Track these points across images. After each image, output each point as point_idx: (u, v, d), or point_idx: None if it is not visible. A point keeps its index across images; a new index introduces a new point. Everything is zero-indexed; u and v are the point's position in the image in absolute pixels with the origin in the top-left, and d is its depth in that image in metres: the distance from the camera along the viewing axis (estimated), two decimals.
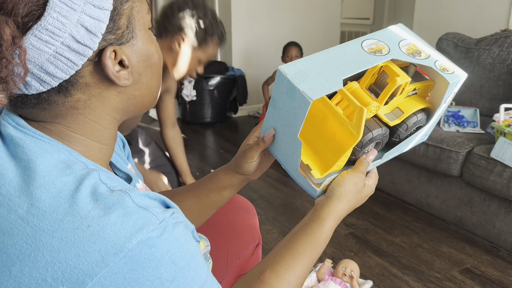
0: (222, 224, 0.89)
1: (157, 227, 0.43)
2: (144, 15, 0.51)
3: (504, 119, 1.76)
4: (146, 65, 0.52)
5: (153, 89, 0.55)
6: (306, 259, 0.61)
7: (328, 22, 4.13)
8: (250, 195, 2.27)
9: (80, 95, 0.49)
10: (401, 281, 1.56)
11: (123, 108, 0.53)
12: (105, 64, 0.47)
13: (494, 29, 2.61)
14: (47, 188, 0.43)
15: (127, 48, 0.49)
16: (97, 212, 0.42)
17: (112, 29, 0.47)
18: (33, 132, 0.48)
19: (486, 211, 1.79)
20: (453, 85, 0.67)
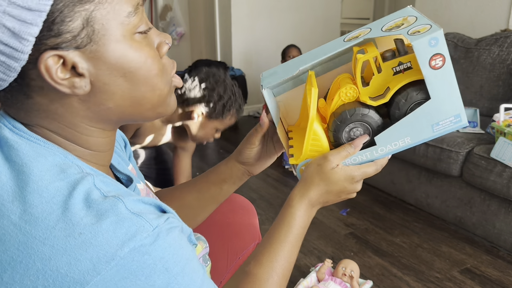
0: (222, 224, 0.89)
1: (150, 234, 0.43)
2: (120, 19, 0.46)
3: (504, 119, 1.76)
4: (115, 74, 0.47)
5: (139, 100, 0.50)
6: (284, 244, 0.61)
7: (328, 22, 4.13)
8: (250, 195, 2.27)
9: (39, 99, 0.46)
10: (401, 281, 1.56)
11: (98, 118, 0.50)
12: (40, 69, 0.43)
13: (494, 29, 2.61)
14: (40, 193, 0.43)
15: (81, 54, 0.45)
16: (89, 219, 0.42)
17: (56, 32, 0.43)
18: (29, 135, 0.47)
19: (486, 211, 1.79)
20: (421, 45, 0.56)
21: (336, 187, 0.64)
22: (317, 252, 1.74)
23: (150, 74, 0.49)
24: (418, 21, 0.60)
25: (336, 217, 2.04)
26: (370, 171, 0.65)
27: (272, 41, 3.86)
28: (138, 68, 0.48)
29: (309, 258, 1.70)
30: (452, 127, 0.63)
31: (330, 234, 1.89)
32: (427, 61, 0.58)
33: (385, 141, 0.63)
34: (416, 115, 0.61)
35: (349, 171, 0.64)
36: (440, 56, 0.58)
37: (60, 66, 0.44)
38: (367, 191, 2.32)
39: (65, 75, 0.45)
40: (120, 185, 0.51)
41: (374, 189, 2.33)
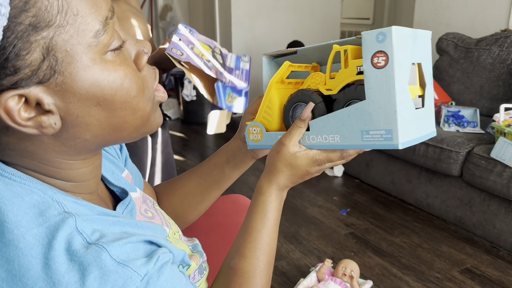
0: (225, 226, 0.89)
1: (139, 285, 0.40)
2: (86, 40, 0.39)
3: (504, 119, 1.76)
4: (88, 104, 0.41)
5: (119, 127, 0.45)
6: (262, 230, 0.61)
7: (328, 22, 4.13)
8: (251, 195, 2.27)
9: (6, 138, 0.41)
10: (401, 281, 1.57)
11: (76, 152, 0.45)
12: (1, 116, 0.38)
13: (494, 29, 2.61)
14: (16, 244, 0.38)
15: (46, 89, 0.39)
16: (72, 275, 0.38)
17: (11, 71, 0.36)
18: (3, 170, 0.42)
19: (486, 211, 1.79)
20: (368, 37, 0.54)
21: (300, 171, 0.63)
22: (317, 252, 1.74)
23: (129, 97, 0.44)
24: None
25: (336, 217, 2.04)
26: (333, 157, 0.61)
27: (272, 41, 3.86)
28: (114, 94, 0.42)
29: (309, 258, 1.70)
30: (382, 144, 0.56)
31: (330, 234, 1.89)
32: (370, 55, 0.55)
33: (317, 130, 0.62)
34: (348, 112, 0.58)
35: (311, 155, 0.62)
36: (384, 55, 0.54)
37: (23, 105, 0.38)
38: (367, 191, 2.32)
39: (29, 114, 0.39)
40: (107, 215, 0.46)
41: (374, 189, 2.33)
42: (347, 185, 2.40)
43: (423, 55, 0.63)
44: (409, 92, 0.57)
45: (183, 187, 0.78)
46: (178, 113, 4.00)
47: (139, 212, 0.61)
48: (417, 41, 0.59)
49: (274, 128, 0.68)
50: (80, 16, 0.39)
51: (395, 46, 0.53)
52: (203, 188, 0.77)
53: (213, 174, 0.76)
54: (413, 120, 0.58)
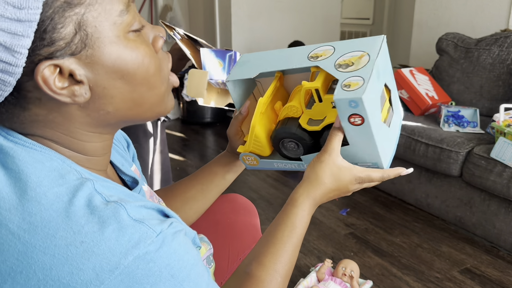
0: (223, 225, 0.89)
1: (154, 240, 0.42)
2: (112, 19, 0.44)
3: (504, 119, 1.76)
4: (113, 76, 0.46)
5: (139, 102, 0.49)
6: (287, 244, 0.60)
7: (328, 22, 4.13)
8: (250, 195, 2.27)
9: (36, 110, 0.45)
10: (401, 281, 1.57)
11: (97, 124, 0.49)
12: (37, 81, 0.42)
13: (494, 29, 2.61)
14: (39, 200, 0.41)
15: (77, 60, 0.43)
16: (91, 226, 0.41)
17: (48, 40, 0.41)
18: (24, 141, 0.46)
19: (486, 211, 1.79)
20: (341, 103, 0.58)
21: (341, 186, 0.63)
22: (317, 252, 1.74)
23: (148, 73, 0.48)
24: (367, 66, 0.61)
25: (336, 217, 2.04)
26: (375, 176, 0.64)
27: (272, 41, 3.86)
28: (136, 68, 0.47)
29: (309, 258, 1.71)
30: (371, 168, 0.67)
31: (330, 234, 1.89)
32: (346, 117, 0.60)
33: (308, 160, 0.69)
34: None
35: (355, 172, 0.63)
36: (359, 117, 0.59)
37: (57, 75, 0.43)
38: (367, 191, 2.32)
39: (63, 84, 0.44)
40: (123, 188, 0.50)
41: (374, 189, 2.33)
42: None
43: (386, 68, 0.67)
44: (383, 125, 0.64)
45: (185, 193, 0.79)
46: (178, 113, 4.00)
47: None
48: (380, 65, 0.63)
49: (267, 153, 0.72)
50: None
51: (368, 110, 0.58)
52: (205, 193, 0.79)
53: (215, 181, 0.79)
54: (388, 139, 0.67)
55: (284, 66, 0.69)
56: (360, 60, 0.62)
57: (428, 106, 2.26)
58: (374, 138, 0.61)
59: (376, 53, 0.62)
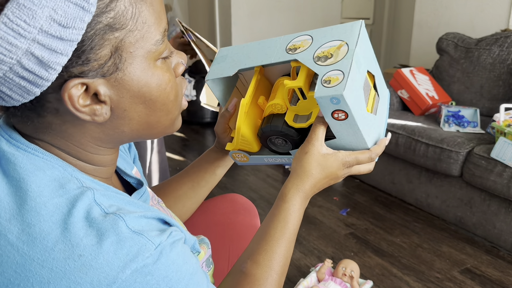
0: (223, 225, 0.89)
1: (152, 253, 0.42)
2: (147, 46, 0.45)
3: (504, 119, 1.76)
4: (136, 101, 0.47)
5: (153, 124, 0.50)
6: (281, 240, 0.60)
7: (328, 22, 4.13)
8: (250, 195, 2.27)
9: (52, 119, 0.45)
10: (401, 281, 1.56)
11: (110, 140, 0.50)
12: (63, 97, 0.42)
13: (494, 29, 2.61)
14: (38, 211, 0.41)
15: (106, 82, 0.44)
16: (90, 239, 0.40)
17: (83, 60, 0.41)
18: (26, 146, 0.46)
19: (486, 211, 1.79)
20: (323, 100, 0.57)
21: (330, 173, 0.62)
22: (317, 252, 1.74)
23: (168, 100, 0.49)
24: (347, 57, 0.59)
25: (336, 217, 2.04)
26: (362, 158, 0.63)
27: None
28: (158, 96, 0.48)
29: (309, 258, 1.70)
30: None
31: (330, 234, 1.89)
32: (329, 113, 0.59)
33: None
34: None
35: (341, 157, 0.62)
36: (343, 112, 0.58)
37: (83, 93, 0.43)
38: (367, 191, 2.32)
39: (85, 101, 0.44)
40: (124, 195, 0.49)
41: (374, 189, 2.33)
42: (347, 185, 2.40)
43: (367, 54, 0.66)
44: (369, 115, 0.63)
45: (176, 190, 0.79)
46: None
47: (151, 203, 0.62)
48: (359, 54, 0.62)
49: (255, 149, 0.72)
50: (147, 25, 0.45)
51: (350, 104, 0.57)
52: (196, 190, 0.80)
53: (205, 177, 0.80)
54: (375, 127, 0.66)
55: (263, 61, 0.67)
56: (339, 50, 0.60)
57: (429, 106, 2.26)
58: (360, 131, 0.61)
59: (355, 42, 0.60)
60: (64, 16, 0.39)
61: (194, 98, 3.65)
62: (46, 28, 0.38)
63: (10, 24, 0.38)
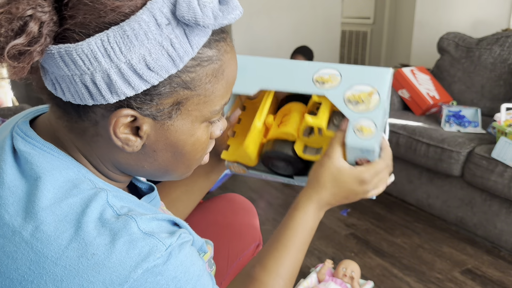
0: (222, 225, 0.89)
1: (163, 254, 0.42)
2: (204, 111, 0.47)
3: (505, 119, 1.75)
4: (167, 148, 0.48)
5: (170, 172, 0.52)
6: (292, 249, 0.60)
7: (328, 21, 4.12)
8: (250, 195, 2.27)
9: (88, 125, 0.46)
10: (402, 281, 1.56)
11: (127, 168, 0.51)
12: (110, 119, 0.44)
13: (495, 29, 2.60)
14: (53, 210, 0.42)
15: (154, 124, 0.45)
16: (103, 239, 0.41)
17: (146, 99, 0.43)
18: (42, 144, 0.47)
19: (487, 211, 1.79)
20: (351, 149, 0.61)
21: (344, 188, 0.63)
22: (317, 253, 1.74)
23: (193, 156, 0.51)
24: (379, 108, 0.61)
25: (337, 217, 2.04)
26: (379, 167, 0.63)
27: (272, 41, 3.86)
28: (189, 152, 0.50)
29: (310, 258, 1.70)
30: None
31: (330, 234, 1.88)
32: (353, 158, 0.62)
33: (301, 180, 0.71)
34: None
35: (356, 173, 0.63)
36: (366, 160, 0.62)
37: (127, 122, 0.44)
38: None
39: (125, 130, 0.45)
40: (134, 198, 0.50)
41: None
42: None
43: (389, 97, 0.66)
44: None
45: (169, 194, 0.79)
46: None
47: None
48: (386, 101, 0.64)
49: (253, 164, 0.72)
50: (214, 95, 0.47)
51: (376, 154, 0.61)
52: (189, 194, 0.80)
53: (198, 182, 0.79)
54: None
55: (289, 87, 0.67)
56: (370, 98, 0.62)
57: (429, 106, 2.25)
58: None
59: (386, 92, 0.62)
60: (155, 61, 0.41)
61: None
62: (134, 64, 0.41)
63: (106, 44, 0.40)
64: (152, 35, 0.40)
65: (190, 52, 0.43)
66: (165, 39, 0.41)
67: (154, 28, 0.40)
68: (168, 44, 0.41)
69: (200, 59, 0.44)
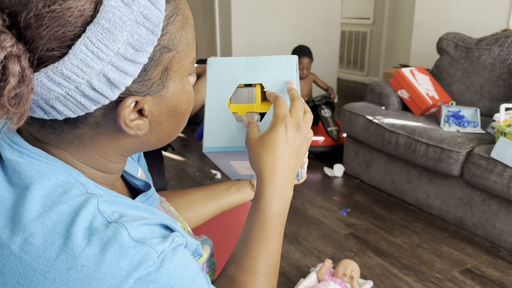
0: (224, 225, 0.89)
1: (155, 261, 0.41)
2: (186, 65, 0.48)
3: (504, 119, 1.76)
4: (169, 115, 0.49)
5: (172, 134, 0.52)
6: (261, 241, 0.56)
7: (328, 21, 4.13)
8: None
9: (87, 130, 0.45)
10: (402, 281, 1.56)
11: (133, 149, 0.51)
12: (119, 115, 0.43)
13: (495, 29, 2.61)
14: (42, 221, 0.41)
15: (152, 99, 0.45)
16: (92, 249, 0.40)
17: (141, 80, 0.43)
18: (29, 151, 0.45)
19: (486, 211, 1.79)
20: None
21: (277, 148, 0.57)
22: (317, 253, 1.74)
23: (188, 111, 0.52)
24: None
25: (336, 217, 2.04)
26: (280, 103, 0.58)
27: (272, 41, 3.86)
28: (186, 108, 0.51)
29: (309, 258, 1.70)
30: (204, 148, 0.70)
31: (330, 234, 1.89)
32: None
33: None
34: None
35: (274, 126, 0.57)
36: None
37: (131, 110, 0.44)
38: (367, 191, 2.32)
39: (133, 118, 0.45)
40: (126, 199, 0.49)
41: (374, 190, 2.33)
42: (347, 185, 2.40)
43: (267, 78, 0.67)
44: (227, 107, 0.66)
45: (192, 195, 0.82)
46: None
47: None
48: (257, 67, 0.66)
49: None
50: (188, 45, 0.47)
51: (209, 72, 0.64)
52: (208, 199, 0.82)
53: (219, 190, 0.83)
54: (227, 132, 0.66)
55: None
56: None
57: (429, 106, 2.26)
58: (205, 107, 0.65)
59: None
60: (138, 40, 0.41)
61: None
62: (122, 52, 0.40)
63: (91, 46, 0.39)
64: (126, 16, 0.40)
65: (160, 15, 0.42)
66: (137, 15, 0.40)
67: (124, 9, 0.40)
68: (141, 18, 0.41)
69: (167, 17, 0.44)
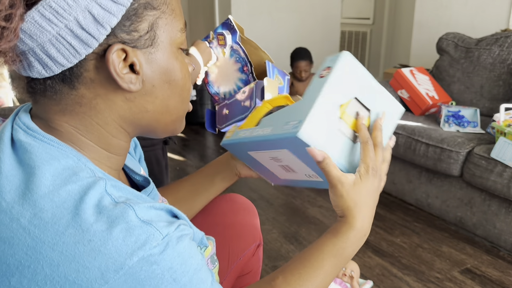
0: (223, 225, 0.89)
1: (160, 242, 0.42)
2: (174, 31, 0.51)
3: (504, 119, 1.76)
4: (163, 79, 0.51)
5: (171, 109, 0.54)
6: (320, 273, 0.59)
7: (328, 22, 4.13)
8: (250, 195, 2.27)
9: (84, 91, 0.47)
10: (402, 281, 1.56)
11: (132, 120, 0.52)
12: (108, 59, 0.45)
13: (495, 29, 2.61)
14: (51, 197, 0.42)
15: (142, 54, 0.48)
16: (99, 225, 0.41)
17: (127, 28, 0.46)
18: (43, 136, 0.47)
19: (486, 211, 1.79)
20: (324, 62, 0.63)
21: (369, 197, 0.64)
22: None
23: (184, 87, 0.54)
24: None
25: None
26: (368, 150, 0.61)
27: (273, 41, 3.86)
28: (179, 79, 0.53)
29: None
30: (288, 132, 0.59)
31: None
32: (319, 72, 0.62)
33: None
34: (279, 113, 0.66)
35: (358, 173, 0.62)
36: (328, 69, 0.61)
37: (122, 61, 0.47)
38: None
39: (124, 69, 0.47)
40: (132, 189, 0.50)
41: None
42: None
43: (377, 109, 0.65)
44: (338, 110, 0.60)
45: (176, 193, 0.81)
46: None
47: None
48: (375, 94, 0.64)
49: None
50: (175, 13, 0.51)
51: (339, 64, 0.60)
52: (194, 196, 0.81)
53: (204, 183, 0.81)
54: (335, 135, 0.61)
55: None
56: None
57: (429, 106, 2.26)
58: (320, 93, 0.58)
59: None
60: None
61: (194, 98, 3.65)
62: None
63: None
64: None
65: None
66: None
67: None
68: None
69: None
